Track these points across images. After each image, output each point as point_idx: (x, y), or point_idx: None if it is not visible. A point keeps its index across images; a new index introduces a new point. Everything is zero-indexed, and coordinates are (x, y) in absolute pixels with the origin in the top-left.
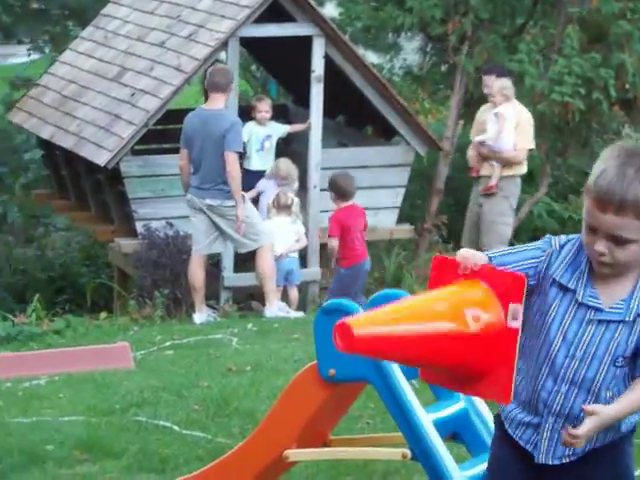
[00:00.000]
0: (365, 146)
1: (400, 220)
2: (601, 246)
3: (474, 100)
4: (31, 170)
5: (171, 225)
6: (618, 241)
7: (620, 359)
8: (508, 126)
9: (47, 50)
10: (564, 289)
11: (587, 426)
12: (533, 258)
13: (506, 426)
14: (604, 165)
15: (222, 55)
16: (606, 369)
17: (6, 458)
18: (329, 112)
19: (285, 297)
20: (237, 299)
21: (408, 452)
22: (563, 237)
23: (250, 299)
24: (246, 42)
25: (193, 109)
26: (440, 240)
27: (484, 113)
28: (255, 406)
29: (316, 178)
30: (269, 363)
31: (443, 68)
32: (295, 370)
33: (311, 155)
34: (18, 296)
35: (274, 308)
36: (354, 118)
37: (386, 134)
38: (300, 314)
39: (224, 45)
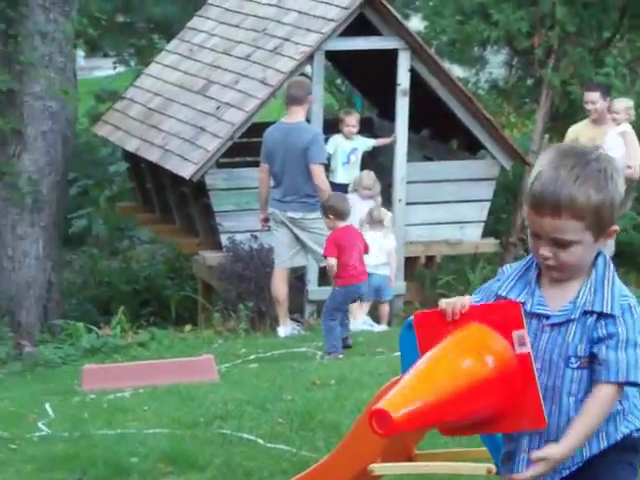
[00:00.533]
0: (450, 160)
1: (485, 234)
2: (545, 250)
3: (560, 114)
4: (116, 183)
5: (256, 238)
6: (560, 244)
7: (573, 360)
8: (636, 145)
9: (132, 63)
10: None
11: (533, 471)
12: (493, 290)
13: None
14: (539, 169)
15: (307, 68)
16: (562, 373)
17: (91, 470)
18: (414, 126)
19: (375, 312)
20: (321, 313)
21: (493, 467)
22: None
23: None
24: (331, 55)
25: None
26: (525, 254)
27: (585, 129)
28: (339, 419)
29: (401, 192)
30: (353, 376)
31: (529, 82)
32: (379, 384)
33: (396, 169)
34: (103, 308)
35: (358, 322)
36: (439, 132)
37: (471, 148)
38: (384, 328)
39: (310, 58)
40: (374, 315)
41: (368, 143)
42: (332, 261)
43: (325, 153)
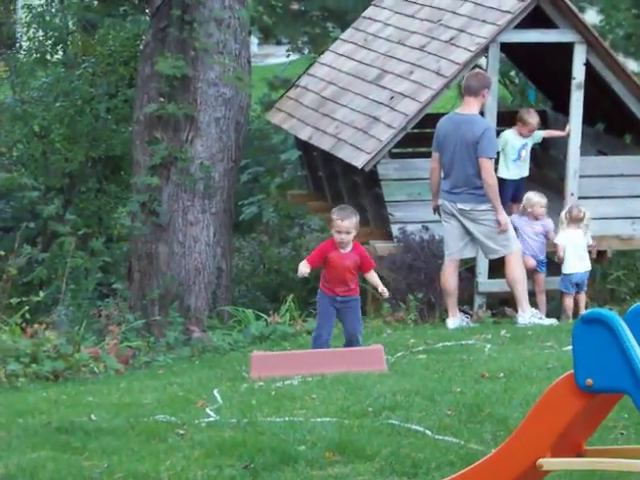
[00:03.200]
0: (624, 154)
1: None
2: None
3: None
4: (287, 170)
5: (427, 229)
6: None
7: None
8: None
9: (306, 51)
10: None
11: None
12: None
13: None
14: None
15: (482, 60)
16: None
17: (258, 457)
18: (588, 119)
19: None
20: (491, 305)
21: None
22: None
23: (504, 305)
24: (506, 47)
25: (449, 113)
26: None
27: None
28: (508, 413)
29: (574, 185)
30: (522, 370)
31: None
32: (548, 378)
33: (570, 162)
34: (271, 296)
35: (527, 315)
36: (613, 126)
37: None
38: (553, 321)
39: (484, 50)
40: (560, 307)
41: (538, 135)
42: (304, 268)
43: (496, 148)
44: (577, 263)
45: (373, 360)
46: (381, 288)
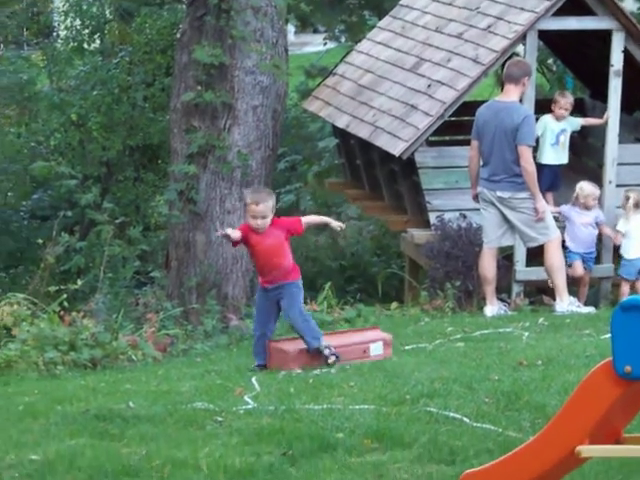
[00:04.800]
0: None
1: None
2: None
3: None
4: (324, 159)
5: (464, 217)
6: None
7: None
8: None
9: (342, 39)
10: None
11: None
12: None
13: None
14: None
15: (519, 48)
16: None
17: (296, 444)
18: (626, 107)
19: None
20: (528, 293)
21: None
22: None
23: (541, 293)
24: (544, 35)
25: (487, 101)
26: None
27: None
28: (546, 401)
29: (612, 173)
30: (560, 358)
31: None
32: (586, 366)
33: (608, 150)
34: (309, 284)
35: (565, 303)
36: None
37: None
38: (591, 309)
39: (522, 38)
40: (597, 295)
41: (576, 123)
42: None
43: (534, 135)
44: None
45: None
46: (329, 221)
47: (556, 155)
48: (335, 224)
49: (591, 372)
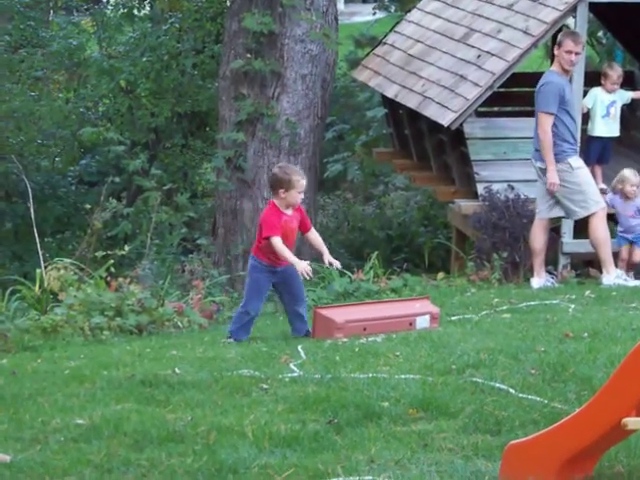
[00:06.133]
0: None
1: None
2: None
3: None
4: (373, 128)
5: (512, 188)
6: None
7: None
8: None
9: (392, 9)
10: None
11: None
12: None
13: None
14: None
15: (570, 20)
16: None
17: (342, 412)
18: None
19: None
20: (575, 265)
21: None
22: None
23: (588, 266)
24: (595, 7)
25: (537, 73)
26: None
27: None
28: (592, 373)
29: None
30: (606, 330)
31: None
32: (633, 338)
33: None
34: (355, 253)
35: (611, 276)
36: None
37: None
38: (638, 283)
39: (573, 9)
40: None
41: (626, 96)
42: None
43: (552, 102)
44: None
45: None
46: (329, 258)
47: (607, 127)
48: (327, 260)
49: (638, 344)
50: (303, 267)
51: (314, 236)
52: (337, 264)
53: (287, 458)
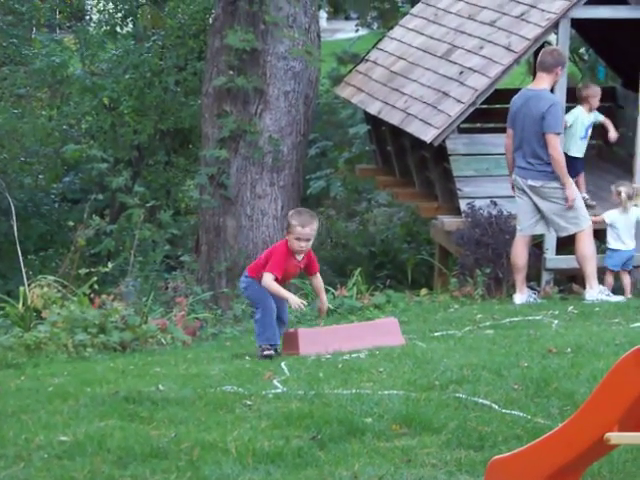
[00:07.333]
0: None
1: None
2: None
3: None
4: (355, 145)
5: (495, 204)
6: None
7: None
8: None
9: (375, 26)
10: None
11: None
12: None
13: None
14: None
15: (552, 36)
16: None
17: (325, 428)
18: None
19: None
20: (558, 281)
21: None
22: None
23: (571, 281)
24: (576, 23)
25: (519, 89)
26: None
27: None
28: (575, 388)
29: None
30: (589, 346)
31: None
32: (616, 354)
33: (639, 139)
34: (339, 269)
35: (594, 291)
36: None
37: None
38: (621, 298)
39: (555, 26)
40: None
41: (600, 118)
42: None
43: (562, 123)
44: None
45: (389, 332)
46: (322, 306)
47: (583, 148)
48: (320, 307)
49: (620, 359)
50: (297, 303)
51: (317, 281)
52: (323, 314)
53: (271, 474)
